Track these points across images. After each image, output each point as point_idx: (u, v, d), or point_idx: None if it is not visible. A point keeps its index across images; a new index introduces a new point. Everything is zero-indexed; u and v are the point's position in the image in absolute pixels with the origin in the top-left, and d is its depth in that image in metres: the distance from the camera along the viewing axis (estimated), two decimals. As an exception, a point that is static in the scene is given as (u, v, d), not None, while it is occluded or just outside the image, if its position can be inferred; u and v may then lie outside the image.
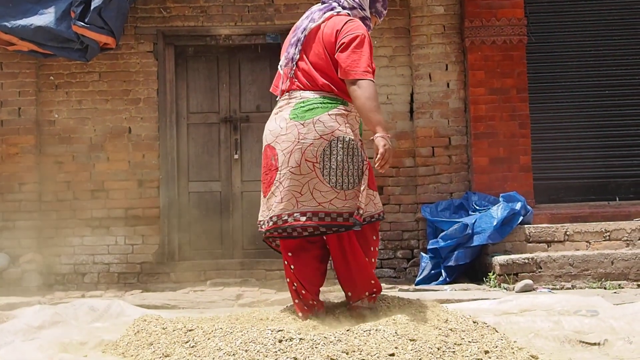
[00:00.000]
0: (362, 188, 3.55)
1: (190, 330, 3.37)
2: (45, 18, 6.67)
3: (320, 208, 3.50)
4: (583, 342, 3.52)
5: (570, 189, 7.18)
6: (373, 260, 3.78)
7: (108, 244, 7.15)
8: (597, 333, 3.62)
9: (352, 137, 3.59)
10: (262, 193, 3.71)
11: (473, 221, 6.31)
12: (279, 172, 3.56)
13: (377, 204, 3.77)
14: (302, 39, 3.70)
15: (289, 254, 3.74)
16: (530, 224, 6.36)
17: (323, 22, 3.69)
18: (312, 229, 3.55)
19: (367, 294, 3.67)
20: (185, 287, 6.68)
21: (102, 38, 6.71)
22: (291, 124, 3.57)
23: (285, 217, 3.54)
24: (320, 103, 3.59)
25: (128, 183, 7.23)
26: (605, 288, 5.65)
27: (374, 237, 3.75)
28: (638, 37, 7.34)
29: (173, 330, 3.42)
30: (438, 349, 3.05)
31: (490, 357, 3.06)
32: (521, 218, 6.27)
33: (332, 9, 3.74)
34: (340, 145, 3.54)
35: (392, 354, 2.99)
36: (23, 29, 6.66)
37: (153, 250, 7.17)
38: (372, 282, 3.69)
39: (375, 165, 3.47)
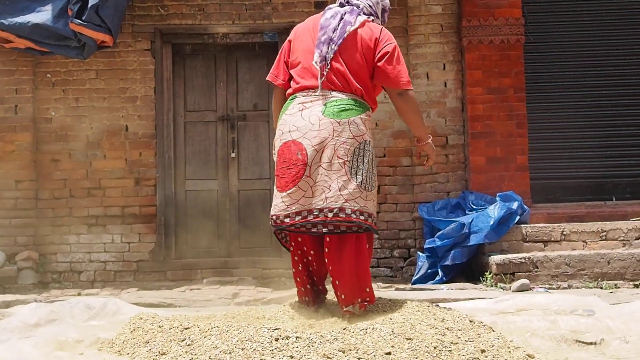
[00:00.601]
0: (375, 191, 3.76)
1: (186, 329, 3.36)
2: (43, 15, 6.66)
3: (347, 205, 3.58)
4: (579, 341, 3.52)
5: (567, 189, 7.18)
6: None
7: (104, 242, 7.14)
8: (593, 332, 3.62)
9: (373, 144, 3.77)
10: (277, 187, 3.72)
11: (470, 220, 6.31)
12: (308, 167, 3.61)
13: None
14: (338, 40, 3.72)
15: (317, 246, 3.78)
16: (527, 223, 6.37)
17: (359, 26, 3.76)
18: (332, 227, 3.62)
19: (359, 300, 3.67)
20: (181, 285, 6.67)
21: (100, 36, 6.70)
22: (325, 120, 3.63)
23: (317, 212, 3.59)
24: (354, 105, 3.69)
25: (125, 181, 7.21)
26: (601, 288, 5.65)
27: (368, 246, 3.78)
28: (635, 37, 7.34)
29: (169, 329, 3.42)
30: (434, 347, 3.05)
31: (486, 356, 3.06)
32: (518, 217, 6.27)
33: (358, 14, 3.81)
34: (367, 148, 3.68)
35: (389, 353, 2.99)
36: (20, 26, 6.65)
37: (149, 249, 7.16)
38: (367, 290, 3.70)
39: (427, 165, 4.05)
